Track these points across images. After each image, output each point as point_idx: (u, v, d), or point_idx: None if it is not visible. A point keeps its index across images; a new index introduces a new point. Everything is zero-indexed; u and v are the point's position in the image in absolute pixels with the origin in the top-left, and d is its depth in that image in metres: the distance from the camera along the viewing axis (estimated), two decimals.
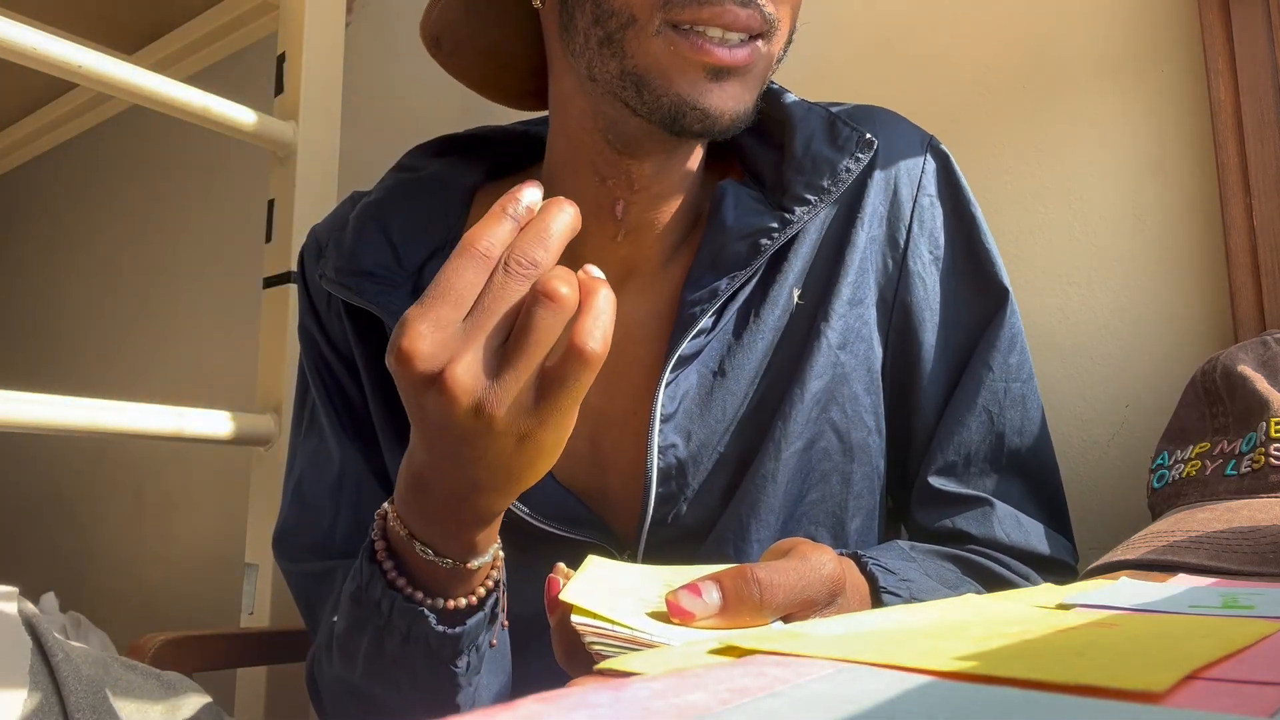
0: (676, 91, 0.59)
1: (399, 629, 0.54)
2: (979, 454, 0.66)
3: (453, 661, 0.54)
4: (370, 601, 0.54)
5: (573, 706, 0.19)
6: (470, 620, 0.54)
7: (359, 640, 0.57)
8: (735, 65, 0.59)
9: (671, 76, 0.59)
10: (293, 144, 1.19)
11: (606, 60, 0.60)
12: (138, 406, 0.97)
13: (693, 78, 0.59)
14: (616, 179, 0.65)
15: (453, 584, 0.53)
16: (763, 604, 0.41)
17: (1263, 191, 0.79)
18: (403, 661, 0.55)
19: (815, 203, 0.65)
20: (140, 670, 0.72)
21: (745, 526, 0.63)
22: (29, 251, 2.57)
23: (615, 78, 0.60)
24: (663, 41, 0.58)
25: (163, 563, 1.90)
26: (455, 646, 0.54)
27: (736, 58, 0.58)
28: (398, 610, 0.53)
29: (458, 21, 0.71)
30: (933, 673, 0.23)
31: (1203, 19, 0.84)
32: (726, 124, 0.60)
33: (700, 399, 0.64)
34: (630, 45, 0.59)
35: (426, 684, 0.56)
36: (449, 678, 0.55)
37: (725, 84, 0.59)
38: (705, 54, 0.58)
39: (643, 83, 0.60)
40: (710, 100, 0.59)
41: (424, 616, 0.52)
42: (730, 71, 0.59)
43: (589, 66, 0.62)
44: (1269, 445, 0.57)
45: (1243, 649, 0.26)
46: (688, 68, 0.58)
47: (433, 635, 0.53)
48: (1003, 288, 0.68)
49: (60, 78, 0.98)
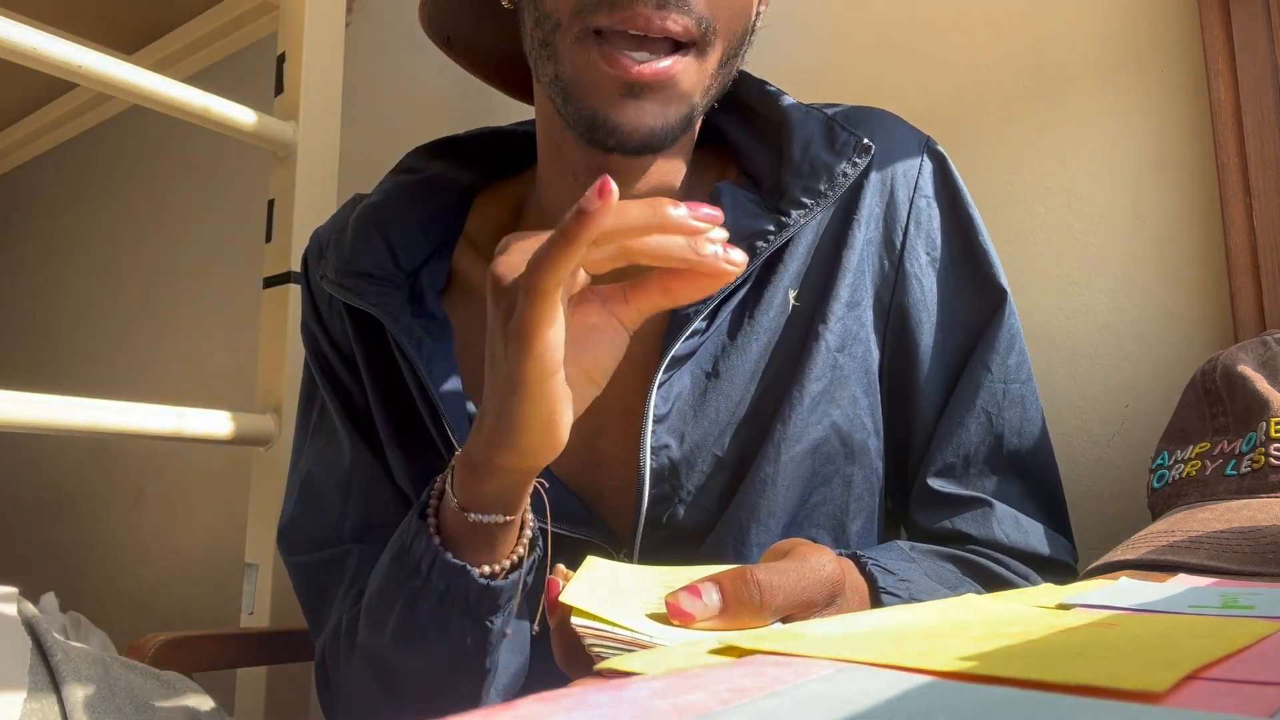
0: (591, 105, 0.59)
1: (436, 588, 0.54)
2: (978, 455, 0.66)
3: (490, 617, 0.55)
4: (411, 560, 0.55)
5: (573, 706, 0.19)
6: (511, 575, 0.54)
7: (391, 603, 0.57)
8: (648, 81, 0.58)
9: (588, 88, 0.58)
10: (293, 144, 1.20)
11: (545, 64, 0.61)
12: (138, 406, 0.97)
13: (607, 91, 0.58)
14: (590, 180, 0.65)
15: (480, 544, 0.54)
16: (762, 605, 0.41)
17: (1263, 191, 0.79)
18: (435, 623, 0.56)
19: (812, 206, 0.65)
20: (140, 670, 0.72)
21: (745, 530, 0.63)
22: (29, 251, 2.57)
23: (551, 82, 0.61)
24: (581, 49, 0.58)
25: (163, 562, 1.90)
26: (494, 601, 0.54)
27: (650, 73, 0.57)
28: (439, 568, 0.54)
29: (454, 18, 0.71)
30: (933, 673, 0.23)
31: (1203, 19, 0.84)
32: (639, 142, 0.59)
33: (694, 400, 0.64)
34: (560, 50, 0.59)
35: (457, 646, 0.56)
36: (481, 637, 0.55)
37: (641, 100, 0.58)
38: (617, 67, 0.57)
39: (567, 91, 0.60)
40: (624, 117, 0.58)
41: (467, 572, 0.53)
42: (646, 88, 0.58)
43: (536, 68, 0.62)
44: (1269, 445, 0.57)
45: (1243, 649, 0.26)
46: (602, 80, 0.58)
47: (474, 588, 0.54)
48: (1000, 288, 0.68)
49: (60, 78, 0.98)
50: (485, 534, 0.53)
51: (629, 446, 0.65)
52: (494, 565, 0.54)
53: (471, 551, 0.54)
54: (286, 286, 1.18)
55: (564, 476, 0.67)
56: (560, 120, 0.64)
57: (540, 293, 0.44)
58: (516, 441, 0.48)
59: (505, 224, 0.74)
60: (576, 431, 0.67)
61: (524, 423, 0.48)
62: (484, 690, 0.59)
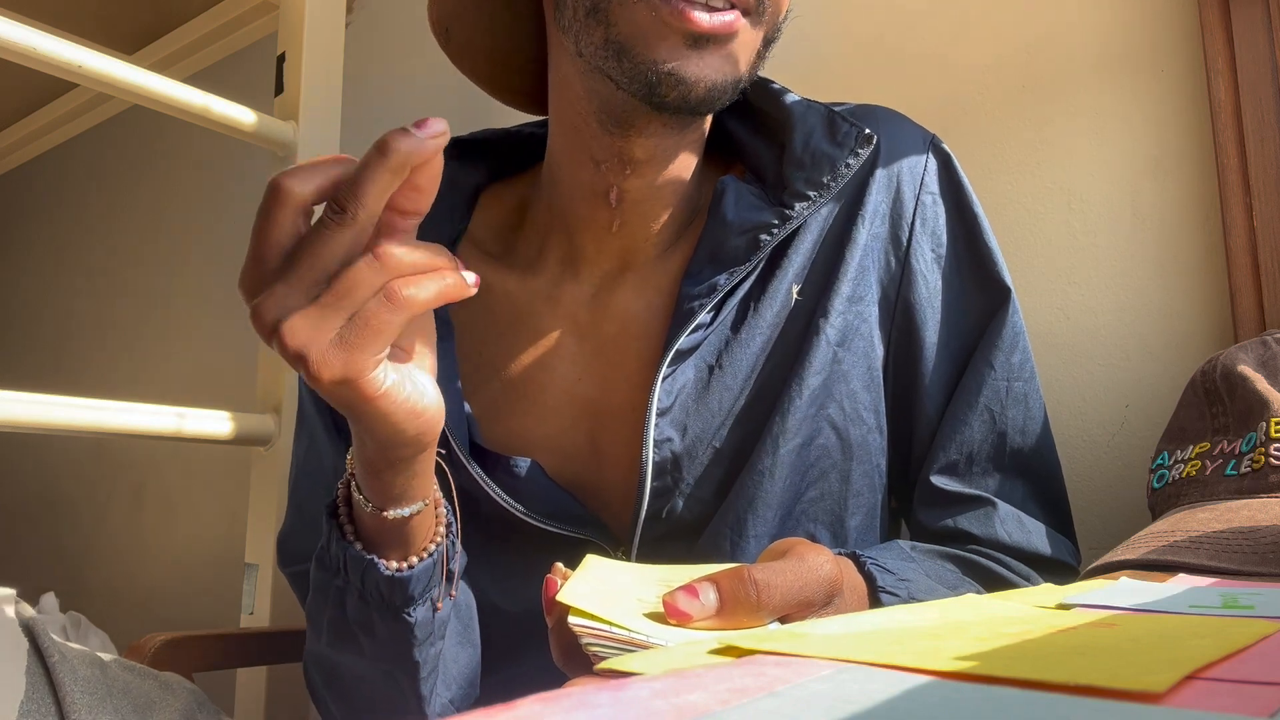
0: (654, 58, 0.58)
1: (355, 585, 0.55)
2: (981, 453, 0.66)
3: (406, 610, 0.55)
4: (330, 560, 0.56)
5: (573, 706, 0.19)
6: (419, 565, 0.54)
7: (323, 605, 0.58)
8: (715, 32, 0.58)
9: (651, 42, 0.58)
10: (293, 144, 1.19)
11: (592, 30, 0.60)
12: (138, 406, 0.97)
13: (672, 44, 0.58)
14: (610, 164, 0.65)
15: (391, 540, 0.54)
16: (759, 605, 0.41)
17: (1263, 191, 0.79)
18: (361, 621, 0.56)
19: (815, 198, 0.65)
20: (138, 671, 0.72)
21: (743, 522, 0.63)
22: (28, 252, 2.57)
23: (599, 47, 0.60)
24: (645, 7, 0.58)
25: (163, 563, 1.90)
26: (405, 591, 0.54)
27: (716, 24, 0.58)
28: (351, 561, 0.54)
29: (465, 10, 0.71)
30: (933, 673, 0.23)
31: (1203, 19, 0.84)
32: (703, 93, 0.59)
33: (697, 393, 0.64)
34: (615, 13, 0.59)
35: (384, 643, 0.56)
36: (404, 632, 0.56)
37: (705, 53, 0.59)
38: (685, 19, 0.57)
39: (624, 51, 0.59)
40: (688, 68, 0.58)
41: (374, 564, 0.53)
42: (710, 40, 0.58)
43: (576, 40, 0.62)
44: (1269, 445, 0.57)
45: (1243, 649, 0.26)
46: (668, 33, 0.58)
47: (383, 581, 0.54)
48: (1005, 286, 0.68)
49: (60, 78, 0.98)
50: (401, 529, 0.53)
51: (631, 441, 0.65)
52: (407, 560, 0.54)
53: (388, 548, 0.54)
54: None
55: (564, 474, 0.67)
56: (587, 104, 0.64)
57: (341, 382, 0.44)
58: (393, 440, 0.48)
59: (509, 224, 0.74)
60: (575, 427, 0.67)
61: (388, 430, 0.47)
62: (421, 685, 0.59)
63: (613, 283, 0.69)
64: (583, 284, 0.69)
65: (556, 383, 0.68)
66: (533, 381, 0.68)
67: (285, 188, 0.42)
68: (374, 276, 0.42)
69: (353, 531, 0.55)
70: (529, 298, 0.69)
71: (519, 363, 0.68)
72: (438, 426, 0.49)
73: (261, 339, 0.44)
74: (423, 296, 0.43)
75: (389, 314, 0.43)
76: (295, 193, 0.42)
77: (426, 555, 0.55)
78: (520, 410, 0.68)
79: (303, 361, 0.43)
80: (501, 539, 0.66)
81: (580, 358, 0.68)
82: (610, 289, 0.68)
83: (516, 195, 0.76)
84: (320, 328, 0.42)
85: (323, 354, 0.42)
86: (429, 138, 0.41)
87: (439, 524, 0.56)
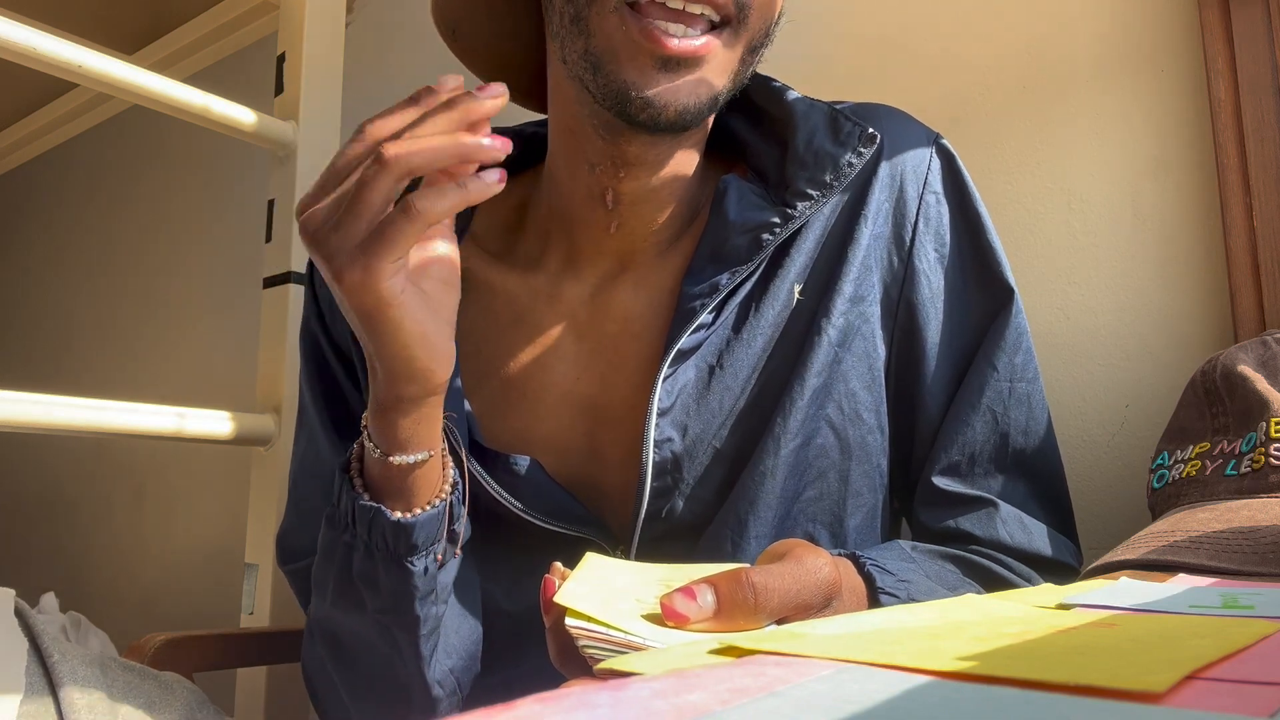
0: (624, 78, 0.58)
1: (361, 537, 0.57)
2: (983, 454, 0.66)
3: (408, 558, 0.56)
4: (339, 516, 0.58)
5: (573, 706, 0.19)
6: (423, 514, 0.56)
7: (330, 565, 0.60)
8: (683, 56, 0.57)
9: (622, 61, 0.58)
10: (293, 144, 1.19)
11: (574, 40, 0.60)
12: (138, 406, 0.97)
13: (641, 65, 0.58)
14: (604, 167, 0.65)
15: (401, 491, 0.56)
16: (757, 608, 0.41)
17: (1263, 191, 0.79)
18: (366, 577, 0.58)
19: (818, 197, 0.64)
20: (138, 671, 0.72)
21: (744, 523, 0.63)
22: (29, 251, 2.57)
23: (580, 58, 0.60)
24: (617, 20, 0.57)
25: (163, 563, 1.90)
26: (409, 540, 0.56)
27: (684, 49, 0.57)
28: (359, 514, 0.56)
29: (470, 11, 0.71)
30: (933, 673, 0.23)
31: (1203, 19, 0.84)
32: (672, 116, 0.59)
33: (697, 393, 0.64)
34: (593, 23, 0.59)
35: (386, 598, 0.58)
36: (405, 580, 0.57)
37: (675, 75, 0.58)
38: (654, 41, 0.57)
39: (598, 65, 0.59)
40: (656, 91, 0.58)
41: (380, 511, 0.55)
42: (681, 62, 0.58)
43: (562, 47, 0.62)
44: (1269, 445, 0.57)
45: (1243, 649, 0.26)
46: (637, 53, 0.58)
47: (388, 527, 0.55)
48: (1008, 287, 0.68)
49: (60, 78, 0.98)
50: (406, 478, 0.56)
51: (631, 441, 0.65)
52: (412, 510, 0.56)
53: (393, 499, 0.56)
54: (286, 286, 1.18)
55: (563, 473, 0.67)
56: (579, 108, 0.64)
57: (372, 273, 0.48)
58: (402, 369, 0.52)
59: (509, 223, 0.74)
60: (574, 426, 0.67)
61: (398, 350, 0.51)
62: (421, 643, 0.59)
63: (613, 282, 0.69)
64: (583, 283, 0.69)
65: (556, 382, 0.67)
66: (532, 380, 0.68)
67: (367, 129, 0.49)
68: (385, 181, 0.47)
69: (362, 484, 0.57)
70: (529, 297, 0.69)
71: (518, 361, 0.68)
72: (446, 366, 0.53)
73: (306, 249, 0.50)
74: (437, 209, 0.48)
75: (404, 222, 0.47)
76: (371, 134, 0.49)
77: (430, 507, 0.57)
78: (520, 409, 0.67)
79: (328, 263, 0.48)
80: (501, 538, 0.66)
81: (580, 357, 0.68)
82: (611, 288, 0.68)
83: (517, 194, 0.76)
84: (345, 235, 0.48)
85: (347, 256, 0.48)
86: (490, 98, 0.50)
87: (445, 481, 0.58)
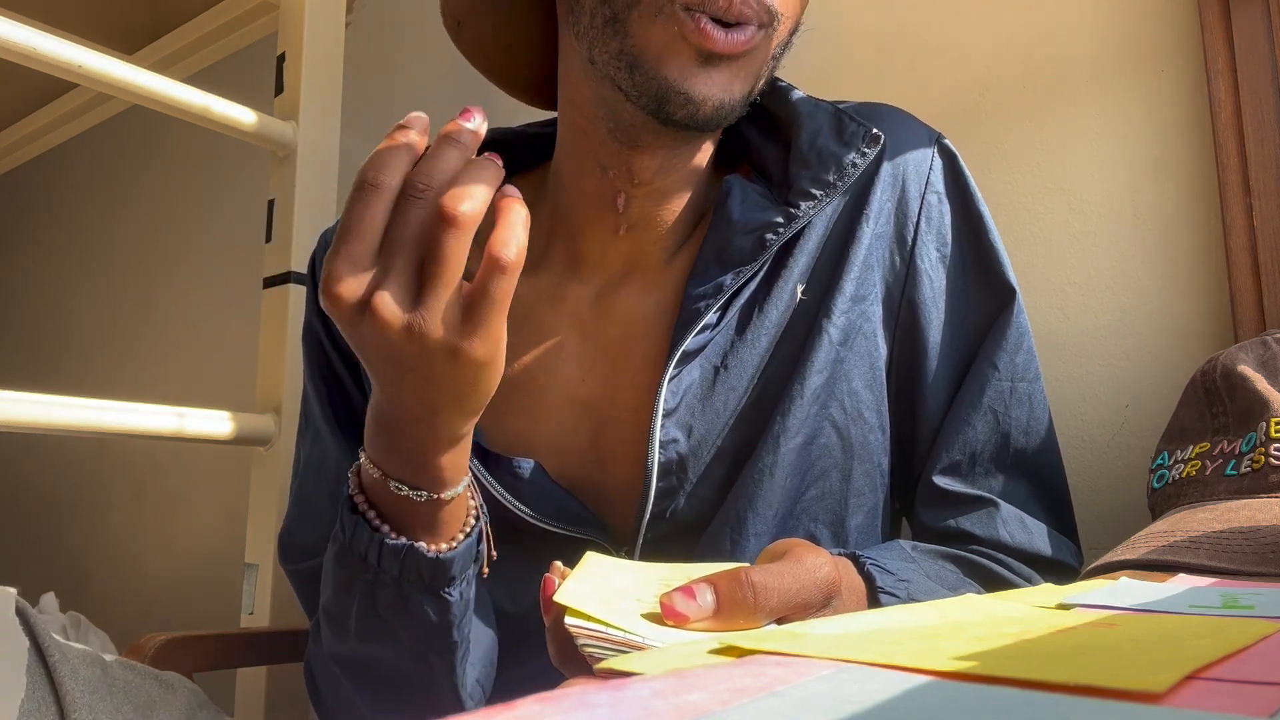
0: (664, 75, 0.58)
1: (390, 574, 0.55)
2: (984, 454, 0.66)
3: (446, 589, 0.55)
4: (356, 555, 0.55)
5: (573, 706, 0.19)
6: (461, 545, 0.55)
7: (349, 604, 0.58)
8: (729, 51, 0.58)
9: (664, 58, 0.58)
10: (293, 144, 1.19)
11: (608, 40, 0.60)
12: (138, 406, 0.97)
13: (683, 61, 0.58)
14: (618, 171, 0.65)
15: (433, 525, 0.55)
16: (757, 607, 0.41)
17: (1263, 191, 0.79)
18: (396, 610, 0.56)
19: (821, 198, 0.64)
20: (139, 670, 0.72)
21: (743, 520, 0.63)
22: (29, 252, 2.57)
23: (613, 58, 0.60)
24: (663, 21, 0.58)
25: (163, 563, 1.90)
26: (448, 572, 0.55)
27: (733, 43, 0.58)
28: (387, 553, 0.54)
29: (478, 5, 0.71)
30: (933, 673, 0.23)
31: (1203, 19, 0.84)
32: (709, 112, 0.59)
33: (702, 394, 0.64)
34: (633, 25, 0.59)
35: (422, 626, 0.57)
36: (443, 610, 0.56)
37: (714, 71, 0.59)
38: (702, 36, 0.57)
39: (636, 64, 0.59)
40: (696, 86, 0.58)
41: (414, 549, 0.54)
42: (722, 58, 0.59)
43: (590, 48, 0.62)
44: (1269, 445, 0.57)
45: (1243, 649, 0.26)
46: (682, 48, 0.58)
47: (425, 563, 0.54)
48: (1010, 287, 0.68)
49: (60, 78, 0.98)
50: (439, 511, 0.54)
51: (635, 442, 0.65)
52: (449, 540, 0.55)
53: (423, 531, 0.55)
54: (286, 286, 1.18)
55: (566, 475, 0.67)
56: (596, 109, 0.64)
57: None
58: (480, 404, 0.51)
59: None
60: (578, 428, 0.67)
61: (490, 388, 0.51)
62: (457, 666, 0.59)
63: (618, 283, 0.69)
64: (587, 285, 0.69)
65: (560, 383, 0.67)
66: (535, 382, 0.68)
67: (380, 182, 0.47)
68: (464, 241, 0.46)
69: (378, 517, 0.55)
70: (533, 298, 0.69)
71: (522, 363, 0.68)
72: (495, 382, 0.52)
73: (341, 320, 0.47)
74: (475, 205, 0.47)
75: (453, 239, 0.46)
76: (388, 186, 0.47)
77: (466, 535, 0.56)
78: (523, 411, 0.67)
79: (434, 345, 0.47)
80: (503, 540, 0.66)
81: (584, 358, 0.68)
82: (615, 289, 0.68)
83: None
84: (438, 307, 0.46)
85: (457, 330, 0.47)
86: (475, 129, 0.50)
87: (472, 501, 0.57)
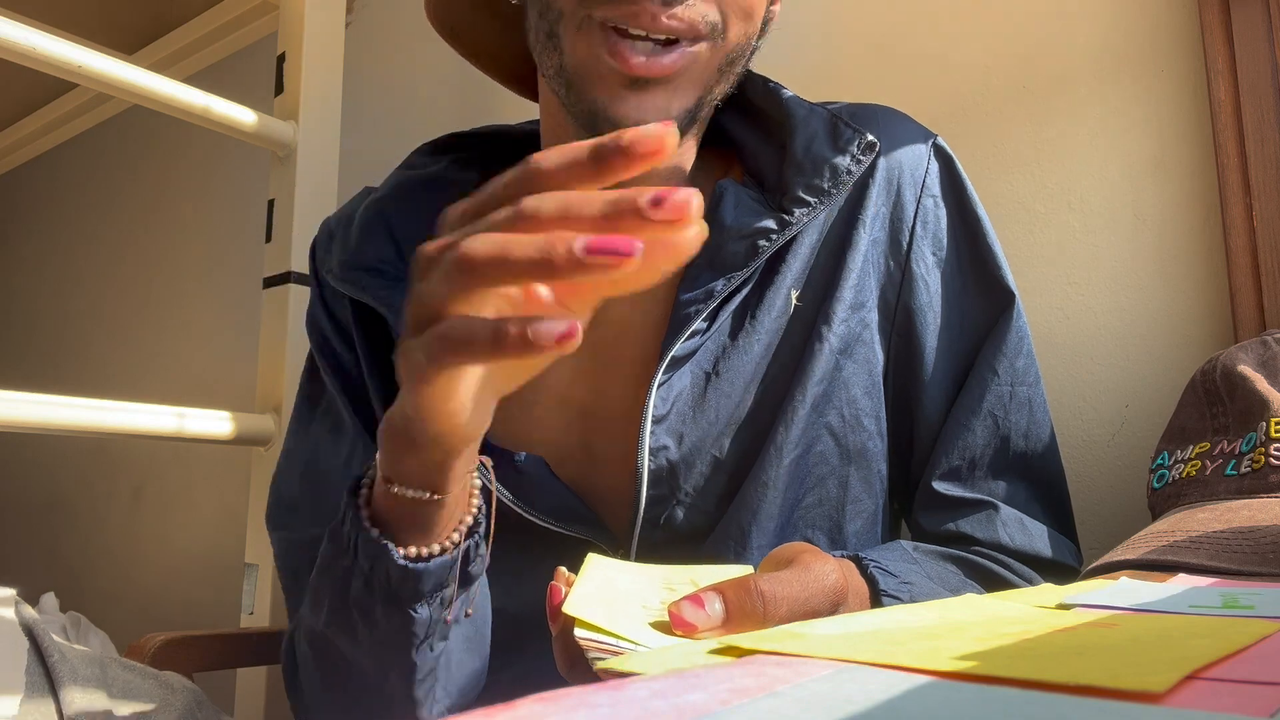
0: (593, 97, 0.58)
1: (362, 568, 0.51)
2: (983, 458, 0.66)
3: (412, 605, 0.51)
4: (342, 537, 0.52)
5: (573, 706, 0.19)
6: (434, 561, 0.51)
7: (327, 582, 0.55)
8: (651, 76, 0.57)
9: (592, 80, 0.57)
10: (293, 144, 1.19)
11: (550, 55, 0.60)
12: (138, 406, 0.97)
13: (610, 84, 0.57)
14: None
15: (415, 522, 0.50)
16: (765, 616, 0.41)
17: (1263, 191, 0.79)
18: (362, 608, 0.53)
19: (815, 205, 0.64)
20: (138, 670, 0.72)
21: (746, 532, 0.63)
22: (29, 252, 2.57)
23: (555, 74, 0.60)
24: (584, 37, 0.57)
25: (162, 563, 1.90)
26: (415, 587, 0.51)
27: (654, 68, 0.56)
28: (363, 546, 0.51)
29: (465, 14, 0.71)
30: (933, 673, 0.23)
31: (1203, 19, 0.84)
32: None
33: (694, 401, 0.64)
34: (565, 40, 0.58)
35: (381, 636, 0.53)
36: (404, 626, 0.52)
37: (645, 95, 0.58)
38: (620, 60, 0.56)
39: (570, 82, 0.59)
40: (626, 111, 0.57)
41: (387, 550, 0.50)
42: (650, 81, 0.57)
43: (541, 62, 0.62)
44: (1269, 445, 0.57)
45: (1243, 649, 0.26)
46: (606, 73, 0.57)
47: (394, 569, 0.50)
48: (1008, 290, 0.68)
49: (60, 78, 0.98)
50: (413, 513, 0.49)
51: (627, 447, 0.65)
52: (422, 548, 0.50)
53: (401, 532, 0.50)
54: (286, 286, 1.18)
55: (560, 476, 0.66)
56: (565, 114, 0.64)
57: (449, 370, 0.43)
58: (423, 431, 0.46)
59: None
60: (569, 432, 0.67)
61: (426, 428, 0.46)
62: (415, 687, 0.55)
63: None
64: None
65: (550, 385, 0.67)
66: (525, 384, 0.67)
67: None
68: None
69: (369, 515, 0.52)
70: None
71: None
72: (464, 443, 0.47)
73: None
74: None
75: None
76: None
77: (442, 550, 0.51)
78: (514, 413, 0.67)
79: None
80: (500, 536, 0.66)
81: (574, 362, 0.67)
82: None
83: None
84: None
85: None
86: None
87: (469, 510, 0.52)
